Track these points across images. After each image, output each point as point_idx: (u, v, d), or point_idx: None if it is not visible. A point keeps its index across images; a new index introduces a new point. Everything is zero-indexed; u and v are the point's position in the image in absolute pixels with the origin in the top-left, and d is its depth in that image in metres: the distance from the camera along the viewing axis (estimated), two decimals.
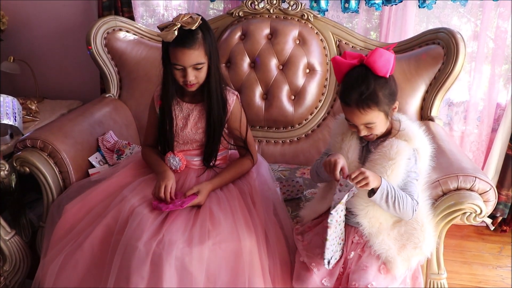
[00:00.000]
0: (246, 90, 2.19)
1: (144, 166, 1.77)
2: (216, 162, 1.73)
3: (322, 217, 1.51)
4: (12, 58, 2.56)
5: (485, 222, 2.53)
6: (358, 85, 1.30)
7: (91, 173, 1.92)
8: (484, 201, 1.50)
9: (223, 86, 1.68)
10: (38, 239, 1.87)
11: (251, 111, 2.16)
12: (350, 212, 1.40)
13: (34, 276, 1.59)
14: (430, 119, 2.05)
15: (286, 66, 2.18)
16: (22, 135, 1.99)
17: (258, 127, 2.26)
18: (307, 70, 2.19)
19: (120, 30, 2.34)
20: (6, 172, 1.83)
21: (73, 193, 1.75)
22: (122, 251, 1.42)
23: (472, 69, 2.40)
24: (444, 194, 1.53)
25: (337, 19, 2.42)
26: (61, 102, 2.67)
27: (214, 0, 2.51)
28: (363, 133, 1.36)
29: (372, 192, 1.31)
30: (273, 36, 2.20)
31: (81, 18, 2.66)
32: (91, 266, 1.49)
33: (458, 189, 1.52)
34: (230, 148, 1.78)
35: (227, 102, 1.67)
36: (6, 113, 2.02)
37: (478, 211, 1.48)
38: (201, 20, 1.55)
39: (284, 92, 2.18)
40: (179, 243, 1.40)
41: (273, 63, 2.18)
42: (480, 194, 1.51)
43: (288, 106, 2.19)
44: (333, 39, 2.22)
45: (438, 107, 2.09)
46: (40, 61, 2.77)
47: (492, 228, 2.52)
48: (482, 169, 2.48)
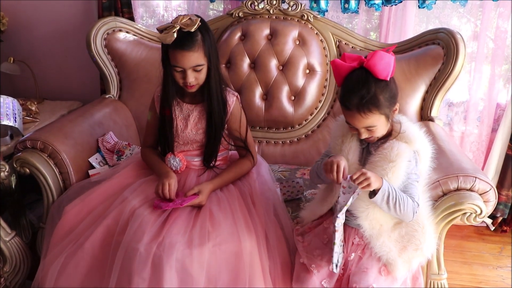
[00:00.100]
0: (246, 91, 2.19)
1: (144, 167, 1.77)
2: (216, 163, 1.72)
3: (323, 218, 1.51)
4: (12, 59, 2.56)
5: (485, 222, 2.53)
6: (359, 89, 1.29)
7: (91, 174, 1.92)
8: (484, 201, 1.50)
9: (223, 87, 1.68)
10: (38, 240, 1.87)
11: (251, 112, 2.16)
12: (351, 214, 1.39)
13: (34, 277, 1.58)
14: (430, 119, 2.05)
15: (286, 66, 2.18)
16: (22, 136, 1.99)
17: (258, 128, 2.26)
18: (307, 71, 2.19)
19: (120, 31, 2.34)
20: (6, 173, 1.83)
21: (73, 194, 1.75)
22: (123, 253, 1.42)
23: (472, 69, 2.40)
24: (444, 194, 1.53)
25: (337, 20, 2.42)
26: (61, 103, 2.67)
27: (214, 0, 2.50)
28: (364, 136, 1.35)
29: (373, 193, 1.31)
30: (273, 36, 2.20)
31: (81, 19, 2.66)
32: (92, 267, 1.49)
33: (458, 189, 1.52)
34: (231, 149, 1.78)
35: (227, 103, 1.67)
36: (6, 114, 2.02)
37: (478, 212, 1.48)
38: (200, 21, 1.54)
39: (284, 92, 2.18)
40: (179, 245, 1.40)
41: (273, 64, 2.18)
42: (480, 195, 1.51)
43: (288, 107, 2.19)
44: (333, 40, 2.22)
45: (438, 108, 2.09)
46: (40, 62, 2.78)
47: (492, 228, 2.52)
48: (482, 169, 2.48)
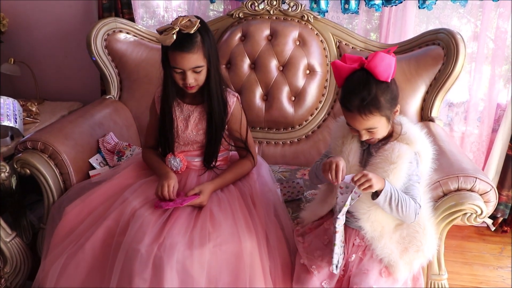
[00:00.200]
0: (247, 91, 2.19)
1: (145, 168, 1.77)
2: (217, 163, 1.73)
3: (323, 219, 1.51)
4: (12, 60, 2.56)
5: (485, 222, 2.53)
6: (360, 90, 1.28)
7: (92, 174, 1.92)
8: (484, 201, 1.50)
9: (224, 88, 1.68)
10: (38, 241, 1.87)
11: (252, 112, 2.16)
12: (352, 215, 1.38)
13: (34, 278, 1.58)
14: (431, 120, 2.05)
15: (286, 67, 2.18)
16: (23, 137, 1.99)
17: (258, 128, 2.26)
18: (307, 71, 2.19)
19: (120, 31, 2.34)
20: (6, 174, 1.83)
21: (73, 194, 1.75)
22: (124, 254, 1.42)
23: (472, 69, 2.40)
24: (444, 194, 1.53)
25: (337, 20, 2.42)
26: (61, 103, 2.67)
27: (214, 1, 2.51)
28: (365, 137, 1.35)
29: (375, 194, 1.30)
30: (273, 37, 2.20)
31: (81, 20, 2.67)
32: (92, 268, 1.49)
33: (458, 189, 1.52)
34: (231, 149, 1.78)
35: (228, 104, 1.67)
36: (7, 114, 2.02)
37: (479, 212, 1.48)
38: (199, 23, 1.54)
39: (284, 93, 2.18)
40: (180, 246, 1.40)
41: (273, 64, 2.18)
42: (480, 195, 1.51)
43: (288, 107, 2.19)
44: (333, 40, 2.22)
45: (438, 108, 2.09)
46: (40, 62, 2.78)
47: (492, 228, 2.52)
48: (483, 169, 2.48)
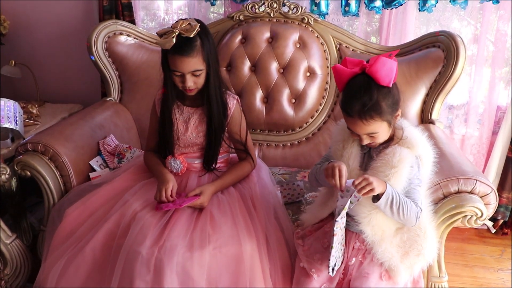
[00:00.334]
0: (247, 94, 2.19)
1: (145, 170, 1.78)
2: (217, 165, 1.73)
3: (324, 222, 1.51)
4: (13, 62, 2.56)
5: (486, 225, 2.52)
6: (361, 95, 1.26)
7: (92, 176, 1.92)
8: (485, 204, 1.50)
9: (224, 90, 1.69)
10: (39, 243, 1.87)
11: (252, 115, 2.17)
12: (353, 219, 1.38)
13: (34, 280, 1.58)
14: (431, 122, 2.05)
15: (286, 69, 2.18)
16: (23, 139, 2.00)
17: (258, 131, 2.26)
18: (308, 74, 2.19)
19: (121, 34, 2.34)
20: (7, 175, 1.83)
21: (74, 196, 1.75)
22: (125, 256, 1.42)
23: (472, 72, 2.40)
24: (445, 197, 1.53)
25: (337, 23, 2.42)
26: (62, 105, 2.67)
27: (214, 3, 2.51)
28: (366, 142, 1.34)
29: (376, 198, 1.29)
30: (273, 39, 2.21)
31: (82, 22, 2.67)
32: (93, 270, 1.49)
33: (459, 192, 1.51)
34: (231, 151, 1.79)
35: (228, 106, 1.68)
36: (7, 117, 2.02)
37: (479, 214, 1.48)
38: (199, 27, 1.54)
39: (284, 95, 2.18)
40: (180, 248, 1.40)
41: (273, 67, 2.18)
42: (481, 197, 1.51)
43: (288, 110, 2.19)
44: (333, 43, 2.23)
45: (438, 110, 2.09)
46: (41, 65, 2.78)
47: (493, 231, 2.51)
48: (483, 172, 2.47)
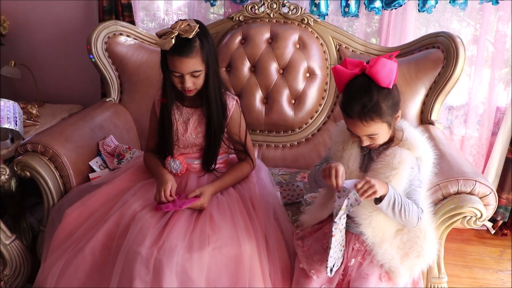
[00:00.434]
0: (247, 94, 2.19)
1: (144, 171, 1.78)
2: (216, 166, 1.73)
3: (323, 223, 1.51)
4: (13, 62, 2.57)
5: (485, 225, 2.52)
6: (361, 96, 1.26)
7: (92, 177, 1.92)
8: (484, 204, 1.50)
9: (223, 91, 1.69)
10: (38, 244, 1.87)
11: (252, 115, 2.17)
12: (353, 221, 1.38)
13: (34, 280, 1.58)
14: (430, 123, 2.05)
15: (286, 70, 2.19)
16: (23, 139, 2.00)
17: (258, 131, 2.26)
18: (307, 74, 2.19)
19: (120, 34, 2.35)
20: (6, 176, 1.83)
21: (73, 197, 1.75)
22: (124, 256, 1.42)
23: (472, 72, 2.40)
24: (444, 198, 1.53)
25: (337, 23, 2.42)
26: (61, 106, 2.67)
27: (214, 4, 2.51)
28: (366, 143, 1.33)
29: (378, 199, 1.28)
30: (273, 40, 2.21)
31: (82, 23, 2.67)
32: (92, 271, 1.49)
33: (458, 193, 1.51)
34: (230, 152, 1.79)
35: (227, 107, 1.68)
36: (7, 117, 2.02)
37: (479, 215, 1.48)
38: (199, 28, 1.54)
39: (284, 96, 2.18)
40: (179, 249, 1.40)
41: (273, 67, 2.18)
42: (480, 198, 1.51)
43: (288, 110, 2.19)
44: (333, 43, 2.23)
45: (438, 111, 2.09)
46: (41, 65, 2.78)
47: (492, 231, 2.52)
48: (483, 172, 2.47)
